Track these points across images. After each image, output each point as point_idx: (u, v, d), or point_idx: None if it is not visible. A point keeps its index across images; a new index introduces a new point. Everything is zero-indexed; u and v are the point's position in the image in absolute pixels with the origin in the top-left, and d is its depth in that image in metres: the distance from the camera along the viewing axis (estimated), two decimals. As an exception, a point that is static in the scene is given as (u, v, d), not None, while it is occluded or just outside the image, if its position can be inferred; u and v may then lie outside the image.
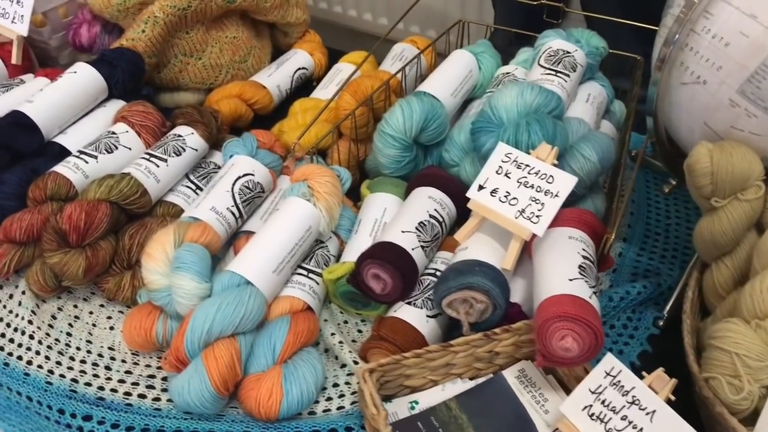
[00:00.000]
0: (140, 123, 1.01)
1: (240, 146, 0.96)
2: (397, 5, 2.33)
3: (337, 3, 2.37)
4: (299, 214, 0.86)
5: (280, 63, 1.26)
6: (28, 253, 0.90)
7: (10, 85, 1.14)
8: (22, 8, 1.14)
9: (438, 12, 2.28)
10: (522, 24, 1.96)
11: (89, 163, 0.95)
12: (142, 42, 1.11)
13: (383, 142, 0.95)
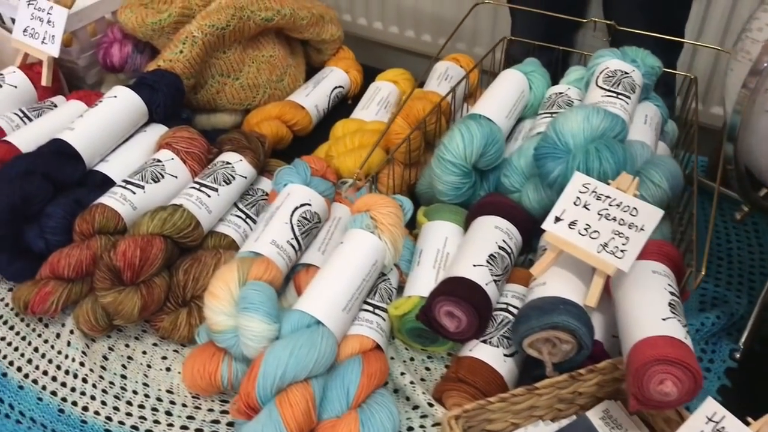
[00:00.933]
0: (186, 150, 0.97)
1: (293, 174, 0.92)
2: (421, 17, 2.30)
3: (360, 15, 2.34)
4: (365, 247, 0.82)
5: (316, 82, 1.23)
6: (76, 289, 0.86)
7: (41, 109, 1.09)
8: (53, 28, 1.09)
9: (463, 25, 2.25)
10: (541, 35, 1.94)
11: (136, 193, 0.90)
12: (180, 63, 1.07)
13: (442, 168, 0.92)
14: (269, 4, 1.14)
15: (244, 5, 1.11)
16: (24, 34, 1.11)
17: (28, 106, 1.09)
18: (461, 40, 2.34)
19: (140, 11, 1.11)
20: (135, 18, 1.11)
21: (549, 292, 0.76)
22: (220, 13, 1.09)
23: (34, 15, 1.10)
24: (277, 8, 1.15)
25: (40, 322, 0.88)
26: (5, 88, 1.09)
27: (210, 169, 0.95)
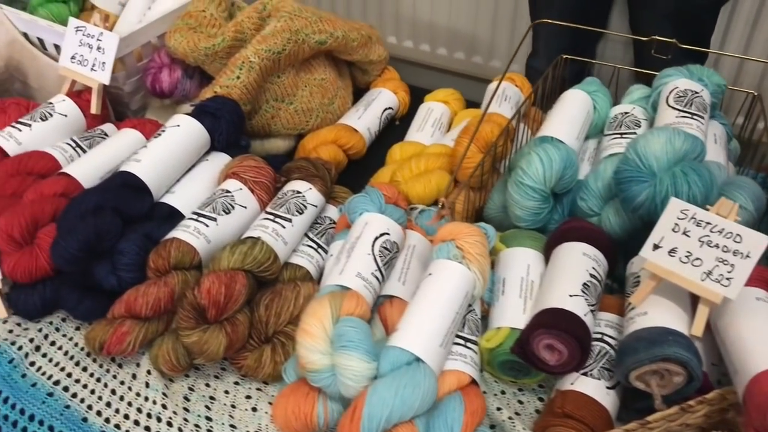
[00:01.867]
0: (253, 179, 0.94)
1: (368, 202, 0.90)
2: (454, 37, 2.29)
3: (390, 33, 2.33)
4: (455, 278, 0.80)
5: (366, 104, 1.20)
6: (152, 328, 0.83)
7: (92, 138, 1.06)
8: (103, 55, 1.06)
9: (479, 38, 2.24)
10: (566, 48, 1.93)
11: (209, 226, 0.88)
12: (238, 89, 1.05)
13: (521, 193, 0.90)
14: (323, 27, 1.12)
15: (299, 28, 1.09)
16: (72, 61, 1.09)
17: (78, 135, 1.06)
18: (477, 53, 2.34)
19: (191, 36, 1.09)
20: (186, 43, 1.08)
21: (653, 323, 0.75)
22: (276, 37, 1.07)
23: (82, 42, 1.07)
24: (330, 31, 1.13)
25: (113, 362, 0.85)
26: (56, 118, 1.06)
27: (281, 199, 0.92)
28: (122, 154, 1.00)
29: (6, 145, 1.00)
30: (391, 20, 2.37)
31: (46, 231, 0.88)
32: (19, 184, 0.94)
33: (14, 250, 0.87)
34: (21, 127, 1.03)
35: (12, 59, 1.21)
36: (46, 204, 0.90)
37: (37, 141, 1.03)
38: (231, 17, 1.18)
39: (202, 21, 1.13)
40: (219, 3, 1.16)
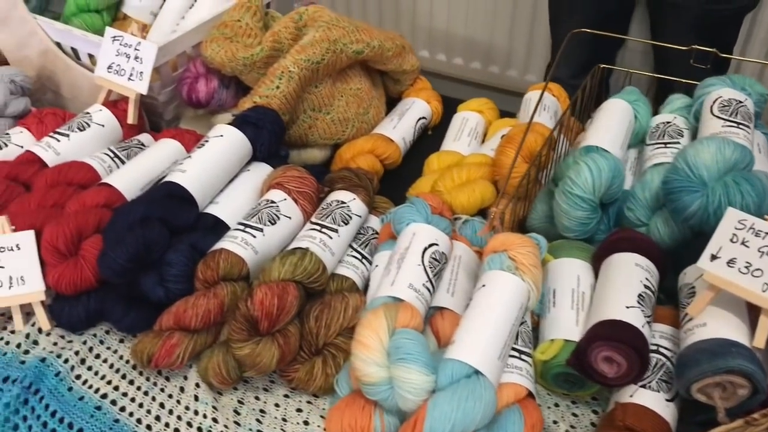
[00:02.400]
0: (297, 189, 0.93)
1: (414, 213, 0.89)
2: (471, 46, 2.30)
3: (422, 47, 2.33)
4: (510, 290, 0.79)
5: (401, 113, 1.20)
6: (201, 340, 0.82)
7: (130, 148, 1.05)
8: (141, 65, 1.06)
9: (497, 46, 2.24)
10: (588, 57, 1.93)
11: (256, 237, 0.87)
12: (277, 99, 1.04)
13: (570, 203, 0.89)
14: (360, 37, 1.12)
15: (337, 38, 1.09)
16: (108, 71, 1.08)
17: (115, 145, 1.06)
18: (494, 63, 2.34)
19: (228, 46, 1.08)
20: (224, 53, 1.08)
21: (713, 334, 0.74)
22: (315, 47, 1.06)
23: (119, 51, 1.07)
24: (367, 41, 1.13)
25: (160, 375, 0.84)
26: (93, 128, 1.05)
27: (326, 210, 0.91)
28: (162, 164, 1.00)
29: (45, 155, 1.00)
30: (407, 30, 2.37)
31: (91, 242, 0.87)
32: (60, 195, 0.94)
33: (58, 261, 0.86)
34: (59, 137, 1.02)
35: (45, 69, 1.21)
36: (89, 215, 0.89)
37: (75, 151, 1.02)
38: (266, 27, 1.18)
39: (238, 31, 1.13)
40: (254, 13, 1.15)
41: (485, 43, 2.32)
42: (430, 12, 2.33)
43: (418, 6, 2.33)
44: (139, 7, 1.24)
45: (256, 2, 1.17)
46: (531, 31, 2.22)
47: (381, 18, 2.40)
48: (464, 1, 2.25)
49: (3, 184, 0.94)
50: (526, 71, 2.32)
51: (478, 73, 2.37)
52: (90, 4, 1.18)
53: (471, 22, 2.29)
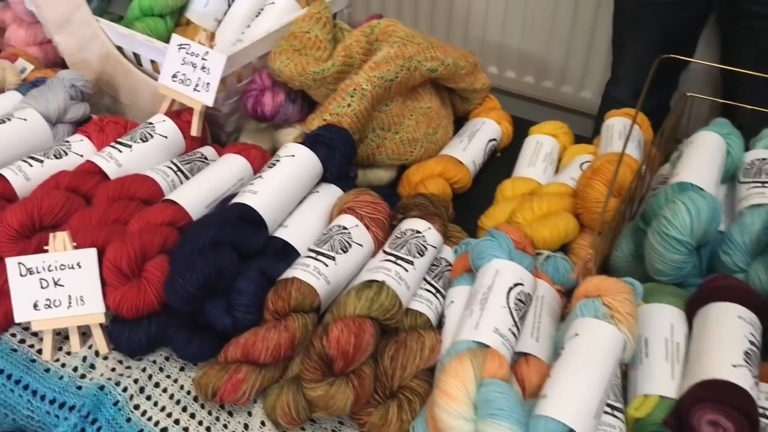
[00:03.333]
0: (370, 215, 0.88)
1: (497, 248, 0.83)
2: (525, 60, 2.24)
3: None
4: (605, 341, 0.73)
5: (471, 134, 1.14)
6: (268, 375, 0.78)
7: (192, 161, 1.01)
8: (208, 75, 1.01)
9: (552, 62, 2.18)
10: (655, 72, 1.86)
11: (329, 265, 0.82)
12: (348, 117, 0.99)
13: (666, 246, 0.83)
14: (434, 54, 1.07)
15: (412, 55, 1.04)
16: (173, 80, 1.04)
17: (178, 157, 1.02)
18: (548, 78, 2.27)
19: (298, 59, 1.04)
20: (294, 66, 1.03)
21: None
22: (390, 64, 1.01)
23: (185, 60, 1.03)
24: (442, 58, 1.07)
25: (223, 408, 0.79)
26: (156, 139, 1.01)
27: (400, 239, 0.86)
28: (228, 181, 0.95)
29: (106, 166, 0.96)
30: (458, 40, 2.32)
31: (155, 263, 0.83)
32: (122, 210, 0.90)
33: (120, 282, 0.82)
34: (121, 147, 0.98)
35: (104, 73, 1.17)
36: (154, 234, 0.85)
37: (137, 163, 0.98)
38: (334, 39, 1.13)
39: (307, 43, 1.08)
40: (324, 24, 1.10)
41: (540, 57, 2.25)
42: (484, 23, 2.27)
43: (472, 16, 2.27)
44: (203, 12, 1.20)
45: (326, 13, 1.12)
46: (589, 47, 2.15)
47: (432, 27, 2.35)
48: (521, 14, 2.19)
49: (63, 196, 0.90)
50: (581, 88, 2.25)
51: (530, 88, 2.31)
52: (154, 9, 1.14)
53: (526, 35, 2.23)
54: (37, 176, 0.95)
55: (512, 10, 2.18)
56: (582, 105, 2.27)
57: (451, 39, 2.31)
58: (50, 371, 0.83)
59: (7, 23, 1.35)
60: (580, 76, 2.22)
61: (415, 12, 2.34)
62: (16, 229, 0.86)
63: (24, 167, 0.95)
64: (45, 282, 0.83)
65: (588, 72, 2.20)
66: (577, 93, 2.26)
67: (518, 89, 2.31)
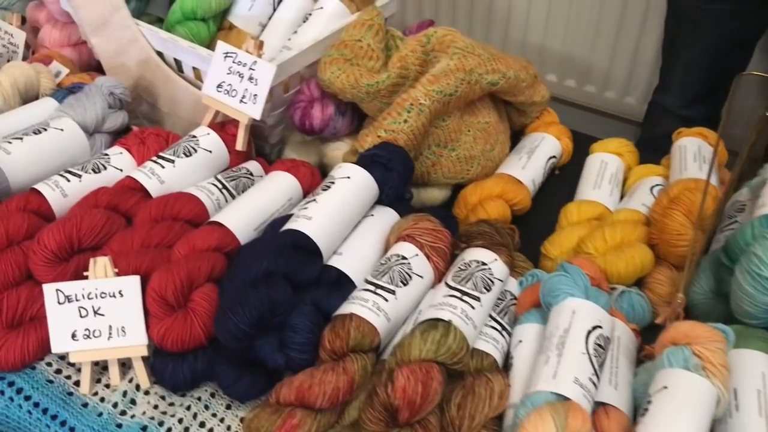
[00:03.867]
0: (431, 244, 0.82)
1: (572, 285, 0.77)
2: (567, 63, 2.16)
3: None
4: (699, 396, 0.66)
5: (530, 151, 1.07)
6: (324, 420, 0.72)
7: (238, 177, 0.95)
8: (256, 87, 0.95)
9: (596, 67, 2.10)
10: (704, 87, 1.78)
11: (389, 300, 0.76)
12: (404, 134, 0.93)
13: (758, 287, 0.76)
14: (495, 66, 1.00)
15: (473, 68, 0.97)
16: (218, 90, 0.98)
17: (223, 173, 0.96)
18: (591, 82, 2.19)
19: (350, 69, 0.97)
20: (345, 77, 0.97)
21: None
22: (449, 78, 0.95)
23: (232, 69, 0.97)
24: (503, 71, 1.00)
25: (273, 453, 0.73)
26: (200, 154, 0.95)
27: (464, 271, 0.80)
28: (277, 201, 0.90)
29: (148, 183, 0.90)
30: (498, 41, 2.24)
31: (202, 293, 0.77)
32: (165, 233, 0.84)
33: (165, 313, 0.76)
34: (163, 162, 0.92)
35: (143, 79, 1.11)
36: (201, 261, 0.79)
37: (180, 179, 0.92)
38: (386, 47, 1.06)
39: (358, 52, 1.02)
40: (376, 32, 1.04)
41: (583, 61, 2.17)
42: (526, 24, 2.19)
43: (513, 17, 2.19)
44: (247, 16, 1.13)
45: (378, 20, 1.06)
46: (635, 51, 2.06)
47: (470, 26, 2.27)
48: (564, 15, 2.11)
49: (103, 216, 0.84)
50: (625, 94, 2.16)
51: (572, 92, 2.22)
52: (197, 12, 1.08)
53: (569, 37, 2.15)
54: (75, 192, 0.90)
55: (555, 11, 2.10)
56: (625, 111, 2.19)
57: (489, 40, 2.24)
58: (88, 406, 0.77)
59: (40, 23, 1.30)
60: (624, 81, 2.13)
61: (453, 10, 2.27)
62: (54, 252, 0.80)
63: (61, 182, 0.90)
64: (84, 310, 0.77)
65: (633, 77, 2.12)
66: (620, 99, 2.17)
67: (559, 93, 2.23)
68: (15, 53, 1.25)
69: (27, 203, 0.87)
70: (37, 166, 0.93)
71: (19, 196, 0.87)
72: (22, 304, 0.81)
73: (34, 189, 0.89)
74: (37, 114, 1.03)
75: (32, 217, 0.86)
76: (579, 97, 2.22)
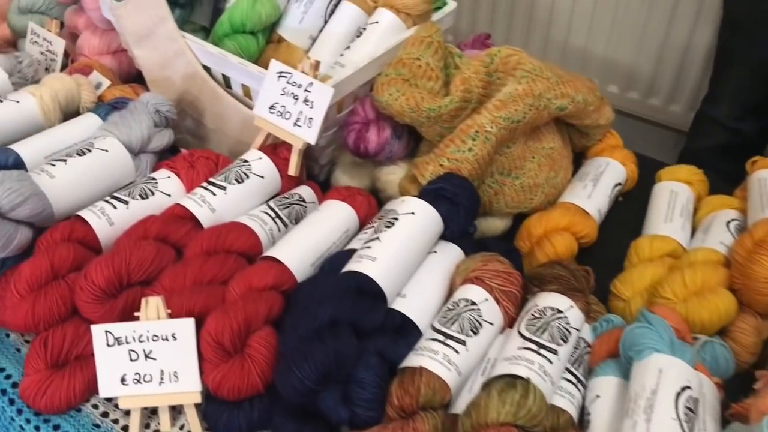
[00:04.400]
0: (501, 288, 0.77)
1: (657, 339, 0.71)
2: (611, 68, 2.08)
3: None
4: (805, 474, 0.61)
5: (595, 178, 1.01)
6: (390, 483, 0.67)
7: (290, 205, 0.91)
8: (312, 110, 0.90)
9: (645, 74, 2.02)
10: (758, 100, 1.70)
11: (460, 352, 0.71)
12: (468, 163, 0.87)
13: None
14: (565, 90, 0.94)
15: (542, 92, 0.91)
16: (271, 111, 0.93)
17: (274, 200, 0.91)
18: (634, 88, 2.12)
19: (410, 92, 0.92)
20: (405, 100, 0.91)
21: None
22: (517, 104, 0.89)
23: (285, 90, 0.91)
24: (572, 95, 0.95)
25: None
26: (252, 180, 0.90)
27: (539, 319, 0.74)
28: (333, 234, 0.85)
29: (199, 212, 0.85)
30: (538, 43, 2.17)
31: (260, 338, 0.73)
32: (219, 267, 0.79)
33: (221, 359, 0.72)
34: (215, 189, 0.88)
35: (188, 94, 1.07)
36: (258, 302, 0.74)
37: (232, 207, 0.88)
38: (445, 65, 1.01)
39: (417, 71, 0.96)
40: (435, 50, 0.98)
41: (627, 66, 2.10)
42: (569, 26, 2.12)
43: (556, 18, 2.13)
44: (297, 29, 1.08)
45: (437, 36, 1.00)
46: (683, 58, 1.99)
47: (510, 27, 2.21)
48: (609, 18, 2.04)
49: (153, 249, 0.80)
50: (671, 101, 2.10)
51: (614, 98, 2.15)
52: (246, 25, 1.03)
53: (614, 41, 2.08)
54: (122, 219, 0.85)
55: (600, 13, 2.03)
56: (669, 120, 2.12)
57: (530, 42, 2.17)
58: (138, 454, 0.73)
59: (79, 29, 1.25)
60: (670, 88, 2.07)
61: (491, 11, 2.20)
62: (102, 288, 0.76)
63: (107, 209, 0.85)
64: (135, 354, 0.73)
65: (679, 84, 2.05)
66: (665, 106, 2.10)
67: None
68: (53, 61, 1.20)
69: (72, 232, 0.82)
70: (81, 190, 0.89)
71: (64, 225, 0.83)
72: (67, 342, 0.77)
73: (79, 216, 0.84)
74: (80, 132, 0.98)
75: (78, 248, 0.81)
76: (621, 104, 2.15)
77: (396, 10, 1.04)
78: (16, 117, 1.00)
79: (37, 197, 0.83)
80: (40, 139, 0.96)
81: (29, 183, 0.83)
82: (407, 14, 1.04)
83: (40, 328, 0.77)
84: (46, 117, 1.02)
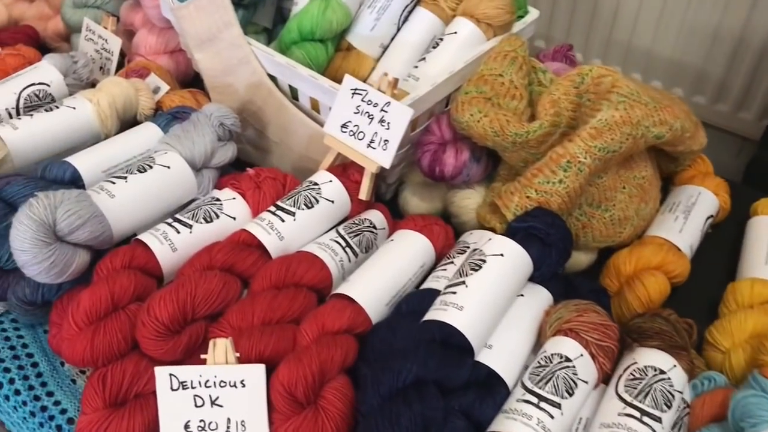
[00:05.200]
0: (597, 342, 0.70)
1: None
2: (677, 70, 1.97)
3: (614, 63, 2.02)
4: None
5: (686, 209, 0.94)
6: None
7: (361, 232, 0.85)
8: (388, 131, 0.84)
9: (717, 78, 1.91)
10: None
11: (555, 417, 0.65)
12: (558, 196, 0.80)
13: None
14: (663, 117, 0.86)
15: (640, 120, 0.84)
16: (343, 130, 0.86)
17: (343, 226, 0.85)
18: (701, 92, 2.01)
19: (494, 114, 0.85)
20: (488, 122, 0.84)
21: None
22: (614, 133, 0.82)
23: (360, 109, 0.85)
24: (671, 122, 0.87)
25: None
26: (322, 204, 0.84)
27: (639, 381, 0.68)
28: (409, 269, 0.79)
29: (268, 240, 0.80)
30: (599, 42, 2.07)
31: (334, 389, 0.67)
32: (289, 304, 0.74)
33: (293, 411, 0.66)
34: (283, 215, 0.82)
35: (251, 104, 1.01)
36: (333, 348, 0.69)
37: (300, 233, 0.82)
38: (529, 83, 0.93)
39: (499, 90, 0.89)
40: (520, 66, 0.91)
41: (695, 69, 1.99)
42: (633, 26, 2.01)
43: (621, 17, 2.02)
44: (368, 37, 1.01)
45: (521, 51, 0.92)
46: (758, 62, 1.88)
47: (570, 26, 2.11)
48: (678, 19, 1.93)
49: (220, 281, 0.75)
50: (740, 107, 1.98)
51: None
52: (315, 33, 0.96)
53: (682, 42, 1.97)
54: (185, 245, 0.80)
55: (669, 13, 1.92)
56: (739, 127, 2.01)
57: (591, 42, 2.07)
58: (201, 507, 0.68)
59: (136, 26, 1.20)
60: (740, 93, 1.95)
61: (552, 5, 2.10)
62: (166, 325, 0.71)
63: (170, 234, 0.80)
64: (201, 399, 0.68)
65: (751, 89, 1.93)
66: (734, 113, 1.99)
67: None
68: (108, 60, 1.15)
69: (133, 259, 0.77)
70: (142, 210, 0.84)
71: (124, 251, 0.78)
72: (127, 379, 0.71)
73: (139, 241, 0.79)
74: (139, 143, 0.93)
75: (139, 276, 0.76)
76: (688, 108, 2.04)
77: (476, 20, 0.97)
78: (72, 124, 0.95)
79: (97, 219, 0.78)
80: (97, 151, 0.91)
81: (89, 204, 0.78)
82: (488, 24, 0.97)
83: (99, 363, 0.72)
84: (103, 124, 0.97)
